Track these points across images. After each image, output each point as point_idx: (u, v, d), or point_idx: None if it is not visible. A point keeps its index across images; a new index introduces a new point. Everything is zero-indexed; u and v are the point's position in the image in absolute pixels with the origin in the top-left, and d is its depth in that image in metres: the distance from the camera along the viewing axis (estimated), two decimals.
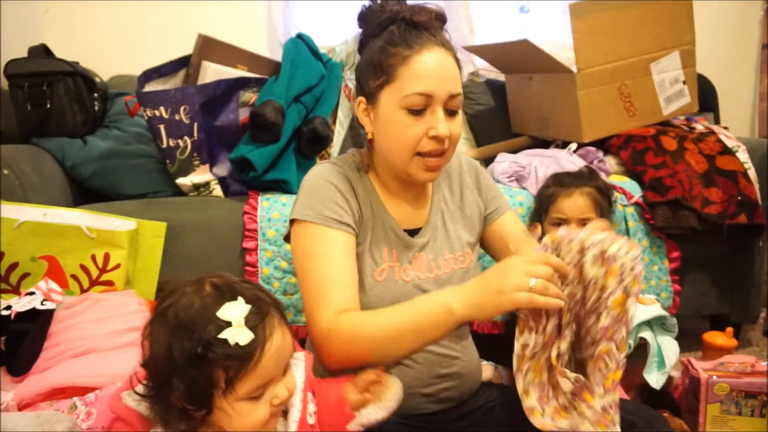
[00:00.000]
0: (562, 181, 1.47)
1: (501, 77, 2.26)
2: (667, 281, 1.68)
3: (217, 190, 1.69)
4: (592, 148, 1.83)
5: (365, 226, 1.02)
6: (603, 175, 1.61)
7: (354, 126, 1.88)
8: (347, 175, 1.03)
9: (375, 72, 0.98)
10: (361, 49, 1.04)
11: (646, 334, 1.34)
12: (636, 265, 0.81)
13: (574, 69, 1.78)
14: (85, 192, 1.72)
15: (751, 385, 1.28)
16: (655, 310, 1.37)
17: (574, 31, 1.75)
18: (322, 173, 1.02)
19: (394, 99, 0.96)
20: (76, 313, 1.24)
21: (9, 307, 1.18)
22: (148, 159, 1.74)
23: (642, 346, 1.35)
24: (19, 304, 1.19)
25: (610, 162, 1.83)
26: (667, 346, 1.35)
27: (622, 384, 1.23)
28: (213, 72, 1.70)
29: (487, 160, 1.95)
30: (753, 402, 1.29)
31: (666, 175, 1.68)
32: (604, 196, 1.44)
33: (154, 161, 1.74)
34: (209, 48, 1.73)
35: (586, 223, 1.39)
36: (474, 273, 1.09)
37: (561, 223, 1.42)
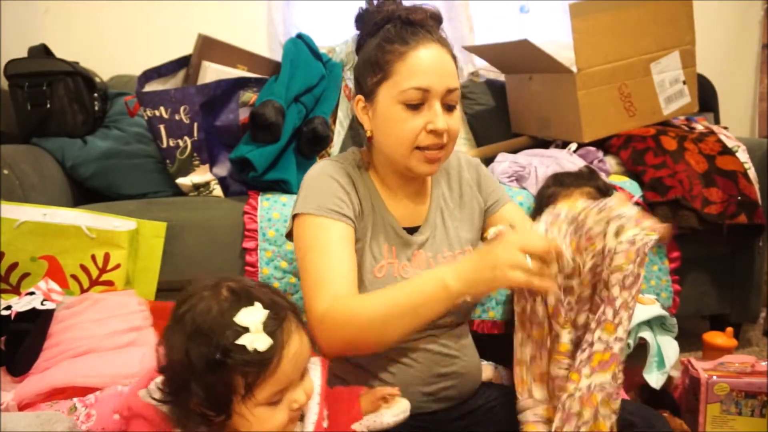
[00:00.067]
0: (562, 181, 1.47)
1: (501, 77, 2.26)
2: (667, 281, 1.68)
3: (217, 190, 1.69)
4: (592, 148, 1.83)
5: (365, 222, 1.02)
6: (603, 175, 1.61)
7: (354, 126, 1.88)
8: (348, 171, 1.04)
9: (372, 69, 0.99)
10: (359, 49, 1.06)
11: (646, 334, 1.34)
12: (644, 254, 0.80)
13: (574, 69, 1.78)
14: (85, 192, 1.72)
15: (751, 385, 1.28)
16: (655, 310, 1.37)
17: (574, 31, 1.75)
18: (324, 169, 1.03)
19: (391, 95, 0.97)
20: (76, 313, 1.24)
21: (9, 307, 1.18)
22: (148, 159, 1.75)
23: (642, 346, 1.35)
24: (19, 304, 1.19)
25: (610, 162, 1.83)
26: (667, 346, 1.35)
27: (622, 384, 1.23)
28: (213, 72, 1.70)
29: (487, 160, 1.95)
30: (753, 402, 1.28)
31: (666, 175, 1.68)
32: (604, 196, 1.44)
33: (154, 161, 1.74)
34: (209, 48, 1.73)
35: None
36: None
37: None
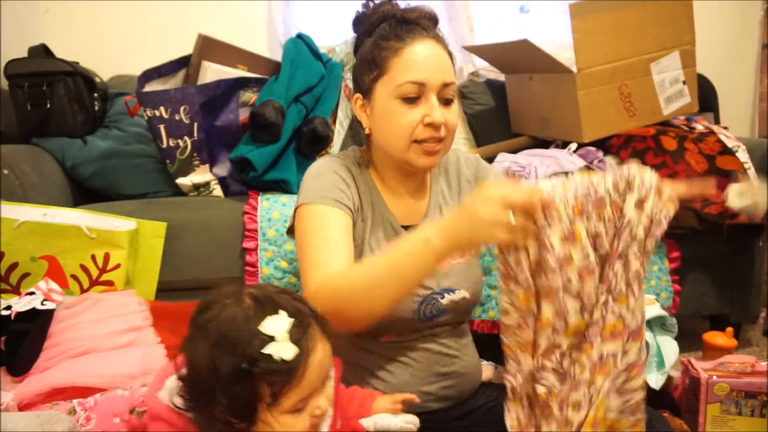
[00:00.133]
0: None
1: (501, 77, 2.25)
2: (667, 281, 1.68)
3: (217, 190, 1.69)
4: (592, 148, 1.83)
5: (364, 218, 1.03)
6: None
7: (354, 126, 1.88)
8: (348, 167, 1.05)
9: (369, 67, 1.01)
10: (356, 50, 1.07)
11: (646, 335, 1.34)
12: (661, 226, 0.80)
13: (574, 69, 1.78)
14: (85, 192, 1.72)
15: (751, 385, 1.28)
16: (655, 310, 1.37)
17: (574, 31, 1.75)
18: (325, 163, 1.05)
19: (388, 90, 0.98)
20: (76, 313, 1.24)
21: (9, 307, 1.18)
22: (148, 159, 1.74)
23: None
24: (19, 304, 1.19)
25: (610, 162, 1.83)
26: (667, 347, 1.35)
27: None
28: (213, 72, 1.70)
29: (488, 160, 1.94)
30: (753, 402, 1.28)
31: (666, 175, 1.67)
32: None
33: (154, 161, 1.74)
34: (209, 48, 1.73)
35: None
36: (475, 266, 1.10)
37: None
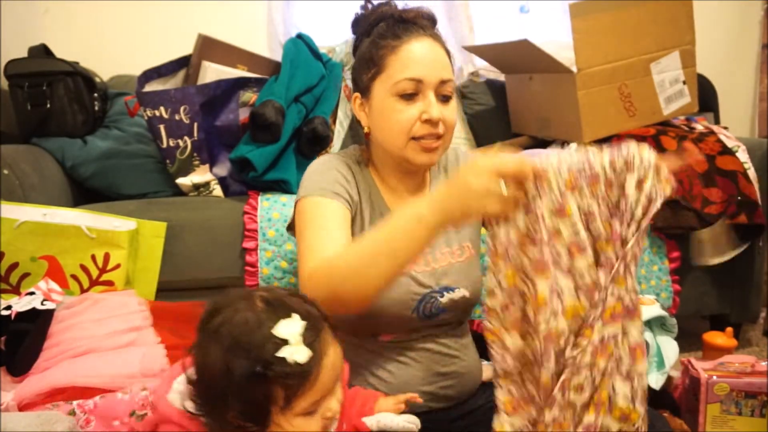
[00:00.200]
0: None
1: (501, 77, 2.25)
2: (667, 281, 1.68)
3: (217, 190, 1.69)
4: None
5: (363, 215, 1.03)
6: None
7: (354, 126, 1.88)
8: (348, 164, 1.06)
9: (367, 66, 1.01)
10: (355, 51, 1.08)
11: (646, 335, 1.34)
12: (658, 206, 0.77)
13: (574, 69, 1.78)
14: (85, 192, 1.72)
15: (751, 385, 1.28)
16: (655, 310, 1.37)
17: (574, 31, 1.75)
18: (325, 161, 1.06)
19: (385, 88, 0.99)
20: (76, 313, 1.24)
21: (9, 307, 1.18)
22: (148, 159, 1.74)
23: None
24: (19, 304, 1.19)
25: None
26: (667, 347, 1.35)
27: None
28: (213, 72, 1.70)
29: None
30: (753, 402, 1.28)
31: None
32: None
33: (154, 161, 1.74)
34: (209, 48, 1.73)
35: None
36: (475, 265, 1.10)
37: None
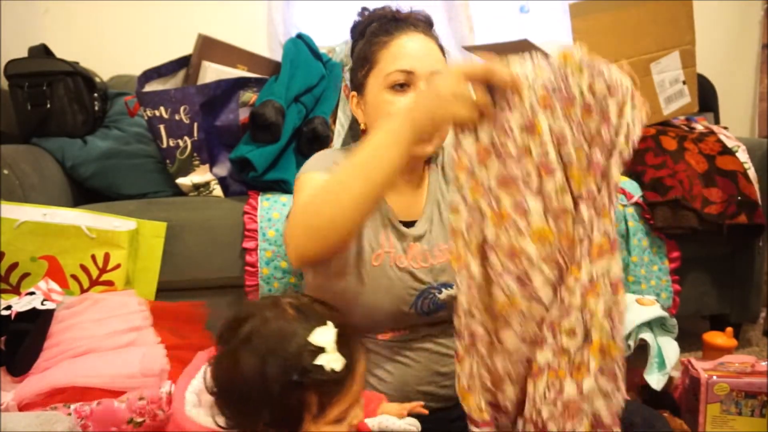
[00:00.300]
0: None
1: None
2: (667, 281, 1.68)
3: (217, 190, 1.69)
4: None
5: None
6: None
7: (354, 126, 1.88)
8: (348, 157, 1.06)
9: (361, 63, 1.04)
10: (353, 54, 1.11)
11: (647, 336, 1.34)
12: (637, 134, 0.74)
13: None
14: (85, 192, 1.72)
15: (751, 385, 1.28)
16: (655, 310, 1.37)
17: (574, 31, 1.75)
18: (325, 151, 1.11)
19: (378, 82, 1.01)
20: (76, 313, 1.24)
21: (9, 307, 1.18)
22: (148, 159, 1.74)
23: (642, 347, 1.35)
24: (19, 304, 1.19)
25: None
26: (667, 347, 1.35)
27: None
28: (213, 72, 1.69)
29: None
30: (753, 402, 1.28)
31: (666, 175, 1.68)
32: None
33: (154, 161, 1.74)
34: (209, 48, 1.73)
35: None
36: None
37: None
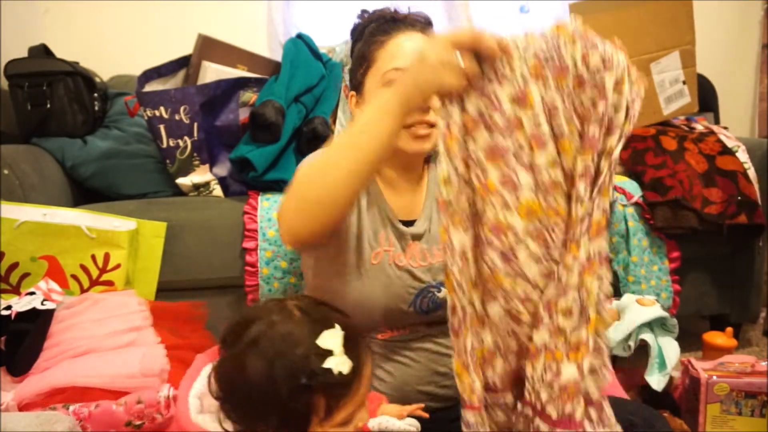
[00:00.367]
0: None
1: None
2: (667, 281, 1.68)
3: (217, 190, 1.69)
4: None
5: (360, 207, 1.03)
6: None
7: None
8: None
9: (359, 63, 1.05)
10: (352, 54, 1.11)
11: (647, 336, 1.34)
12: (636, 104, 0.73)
13: None
14: (85, 192, 1.72)
15: (751, 385, 1.28)
16: (656, 311, 1.37)
17: None
18: (323, 151, 1.07)
19: (375, 81, 1.01)
20: (76, 313, 1.24)
21: (9, 307, 1.18)
22: (148, 159, 1.74)
23: (642, 347, 1.35)
24: (19, 304, 1.19)
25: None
26: (668, 347, 1.35)
27: (622, 384, 1.23)
28: (213, 72, 1.70)
29: None
30: (753, 402, 1.28)
31: (666, 175, 1.68)
32: None
33: (154, 161, 1.74)
34: (209, 48, 1.73)
35: None
36: None
37: None
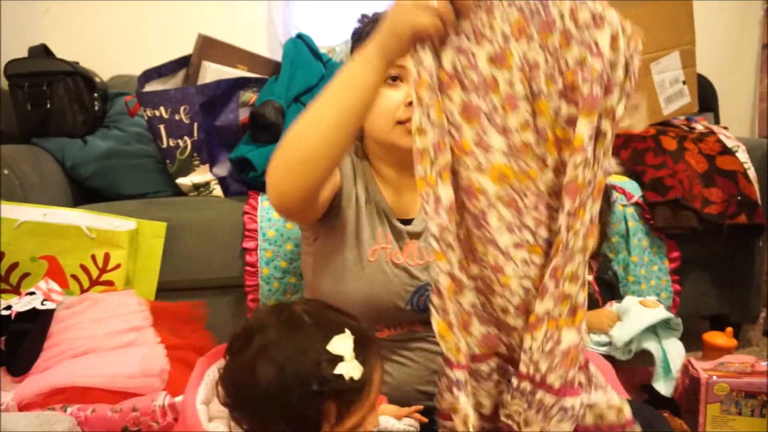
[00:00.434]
0: None
1: None
2: (667, 281, 1.68)
3: (217, 190, 1.69)
4: None
5: (358, 200, 1.04)
6: None
7: None
8: (350, 153, 1.08)
9: None
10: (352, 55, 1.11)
11: (651, 345, 1.33)
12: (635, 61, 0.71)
13: None
14: (85, 192, 1.72)
15: (751, 385, 1.28)
16: (659, 313, 1.36)
17: None
18: None
19: None
20: (76, 313, 1.24)
21: (9, 307, 1.18)
22: (148, 159, 1.74)
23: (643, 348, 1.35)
24: (19, 304, 1.19)
25: (610, 162, 1.83)
26: (672, 351, 1.35)
27: (622, 384, 1.22)
28: (213, 72, 1.70)
29: None
30: (753, 402, 1.28)
31: (666, 175, 1.68)
32: (603, 196, 1.44)
33: (154, 161, 1.74)
34: (209, 48, 1.73)
35: None
36: None
37: None
